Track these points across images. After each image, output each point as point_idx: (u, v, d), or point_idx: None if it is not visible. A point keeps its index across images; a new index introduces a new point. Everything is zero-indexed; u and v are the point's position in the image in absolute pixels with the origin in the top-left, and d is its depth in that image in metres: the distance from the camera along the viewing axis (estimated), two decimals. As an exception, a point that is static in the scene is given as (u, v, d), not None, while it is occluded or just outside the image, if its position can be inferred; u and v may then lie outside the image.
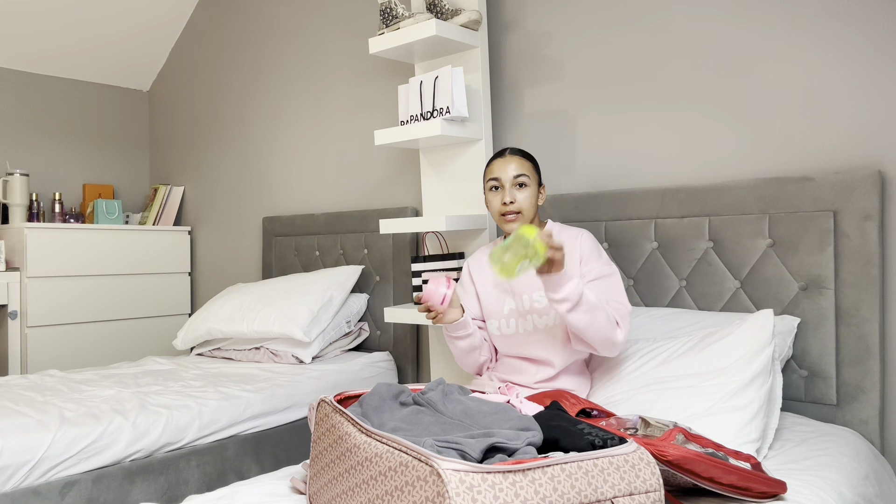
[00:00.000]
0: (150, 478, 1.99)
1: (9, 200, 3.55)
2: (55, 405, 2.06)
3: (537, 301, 1.84)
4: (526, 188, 1.85)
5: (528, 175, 1.86)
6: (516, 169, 1.85)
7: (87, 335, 3.57)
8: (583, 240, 1.85)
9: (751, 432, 1.49)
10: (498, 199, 1.87)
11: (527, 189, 1.85)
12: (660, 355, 1.76)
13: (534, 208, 1.87)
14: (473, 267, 2.01)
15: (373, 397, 1.31)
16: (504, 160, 1.88)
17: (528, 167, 1.87)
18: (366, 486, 1.07)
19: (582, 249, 1.83)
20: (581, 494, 0.98)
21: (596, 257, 1.82)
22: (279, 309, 2.75)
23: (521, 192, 1.85)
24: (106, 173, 4.19)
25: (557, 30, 2.47)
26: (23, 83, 3.86)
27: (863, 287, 1.79)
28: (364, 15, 3.12)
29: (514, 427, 1.14)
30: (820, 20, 1.93)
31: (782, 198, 1.91)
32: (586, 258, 1.82)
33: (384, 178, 3.05)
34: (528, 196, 1.85)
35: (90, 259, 3.58)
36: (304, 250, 3.27)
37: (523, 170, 1.86)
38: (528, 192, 1.85)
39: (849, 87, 1.89)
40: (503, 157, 1.89)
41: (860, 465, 1.54)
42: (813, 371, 1.87)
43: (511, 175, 1.85)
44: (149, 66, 4.22)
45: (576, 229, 1.89)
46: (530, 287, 1.85)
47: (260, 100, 3.62)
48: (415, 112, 2.40)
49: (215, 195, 3.89)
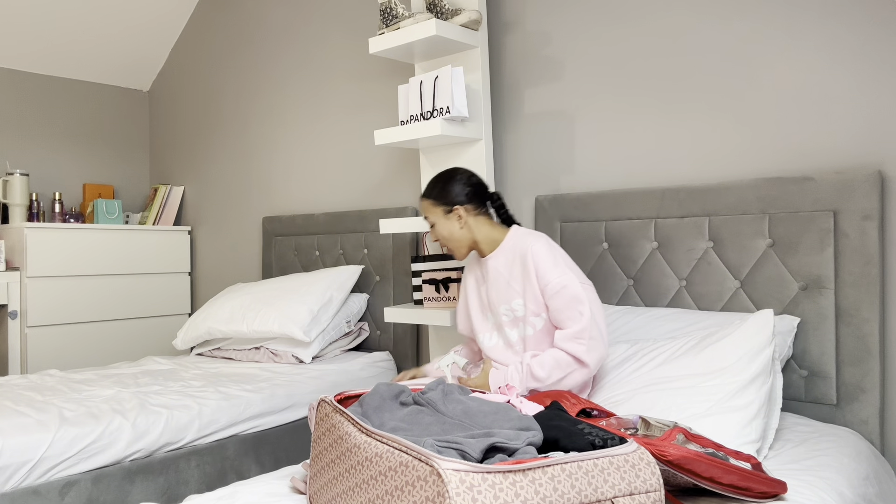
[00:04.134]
0: (150, 478, 1.99)
1: (9, 200, 3.55)
2: (55, 405, 2.06)
3: (505, 314, 1.86)
4: (435, 226, 1.93)
5: (429, 214, 1.94)
6: (422, 212, 1.98)
7: (87, 335, 3.57)
8: (534, 252, 1.79)
9: (751, 432, 1.49)
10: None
11: (436, 227, 1.93)
12: (660, 356, 1.76)
13: (455, 236, 1.92)
14: (468, 281, 2.02)
15: (373, 397, 1.31)
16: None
17: (426, 206, 1.95)
18: (366, 485, 1.07)
19: (535, 263, 1.78)
20: (581, 494, 0.98)
21: (550, 267, 1.77)
22: (279, 309, 2.75)
23: (433, 231, 1.95)
24: (106, 173, 4.19)
25: (557, 30, 2.47)
26: (23, 83, 3.86)
27: (863, 287, 1.79)
28: (364, 15, 3.12)
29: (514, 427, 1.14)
30: (820, 20, 1.93)
31: (782, 198, 1.91)
32: (541, 271, 1.77)
33: (384, 178, 3.05)
34: (441, 230, 1.93)
35: (90, 259, 3.58)
36: (304, 250, 3.27)
37: (425, 212, 1.96)
38: (439, 227, 1.93)
39: (849, 87, 1.89)
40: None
41: (860, 465, 1.54)
42: (813, 371, 1.87)
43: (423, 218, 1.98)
44: (149, 65, 4.22)
45: (531, 238, 1.83)
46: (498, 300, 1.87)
47: (260, 100, 3.62)
48: (415, 112, 2.40)
49: (215, 195, 3.89)
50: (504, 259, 1.87)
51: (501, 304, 1.85)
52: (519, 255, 1.83)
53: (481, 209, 1.93)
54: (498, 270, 1.87)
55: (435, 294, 2.43)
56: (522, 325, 1.82)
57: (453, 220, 1.91)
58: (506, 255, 1.87)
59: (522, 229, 1.90)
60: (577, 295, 1.73)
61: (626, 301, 2.23)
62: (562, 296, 1.74)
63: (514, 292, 1.82)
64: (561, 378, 1.71)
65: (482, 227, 1.91)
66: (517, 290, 1.82)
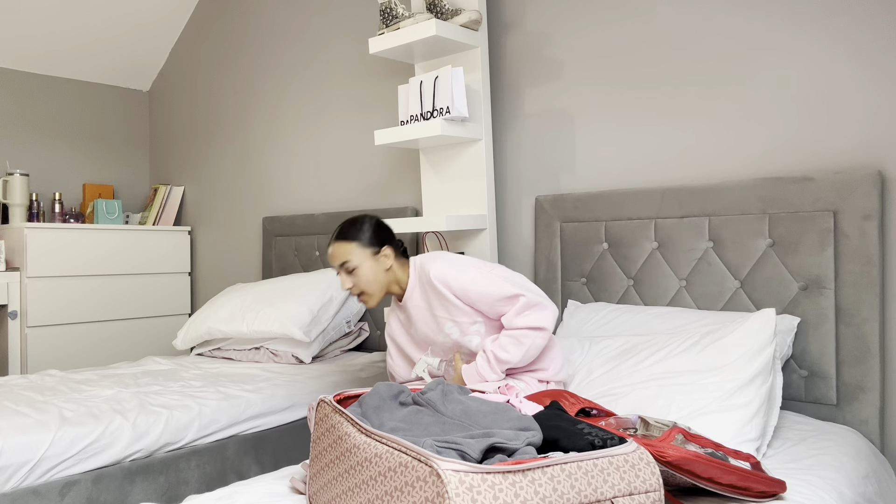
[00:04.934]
0: (150, 478, 1.99)
1: (9, 200, 3.55)
2: (55, 405, 2.06)
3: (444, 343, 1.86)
4: (356, 270, 1.83)
5: (351, 258, 1.83)
6: (339, 258, 1.84)
7: (87, 335, 3.57)
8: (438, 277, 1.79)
9: (750, 431, 1.49)
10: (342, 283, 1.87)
11: (357, 270, 1.83)
12: (660, 351, 1.76)
13: (377, 281, 1.84)
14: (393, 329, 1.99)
15: (372, 397, 1.31)
16: (329, 249, 1.87)
17: (348, 250, 1.83)
18: (365, 486, 1.07)
19: (448, 285, 1.78)
20: (581, 494, 0.98)
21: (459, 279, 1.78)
22: (279, 309, 2.75)
23: (353, 276, 1.84)
24: (106, 173, 4.19)
25: (557, 30, 2.47)
26: (23, 83, 3.86)
27: (863, 287, 1.79)
28: (364, 15, 3.12)
29: (513, 427, 1.14)
30: (820, 19, 1.93)
31: (782, 198, 1.91)
32: (454, 286, 1.78)
33: (384, 178, 3.05)
34: (363, 275, 1.83)
35: (90, 259, 3.58)
36: (304, 250, 3.27)
37: (345, 255, 1.83)
38: (360, 271, 1.83)
39: (849, 86, 1.89)
40: (329, 245, 1.87)
41: (860, 464, 1.54)
42: (813, 371, 1.87)
43: (337, 264, 1.85)
44: (149, 66, 4.22)
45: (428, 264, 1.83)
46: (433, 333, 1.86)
47: (260, 100, 3.62)
48: (415, 112, 2.40)
49: (215, 195, 3.89)
50: (418, 293, 1.87)
51: (438, 336, 1.86)
52: (427, 285, 1.83)
53: (398, 250, 1.92)
54: (418, 307, 1.87)
55: (435, 294, 2.43)
56: (463, 342, 1.83)
57: (380, 261, 1.85)
58: (418, 290, 1.87)
59: (418, 259, 1.89)
60: (498, 285, 1.75)
61: (626, 301, 2.23)
62: (486, 294, 1.76)
63: (441, 319, 1.83)
64: (526, 350, 1.73)
65: (401, 268, 1.89)
66: (442, 315, 1.82)
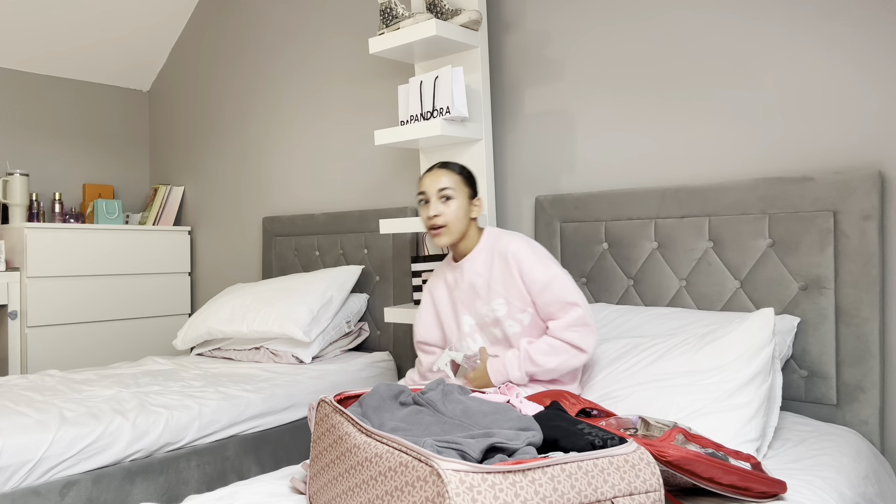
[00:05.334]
0: (150, 478, 1.99)
1: (9, 200, 3.55)
2: (55, 405, 2.06)
3: (486, 315, 1.86)
4: (452, 201, 1.86)
5: (454, 188, 1.87)
6: (442, 182, 1.87)
7: (87, 335, 3.57)
8: (515, 251, 1.82)
9: (750, 431, 1.49)
10: (425, 212, 1.90)
11: (453, 202, 1.86)
12: (659, 352, 1.76)
13: (461, 221, 1.87)
14: (433, 288, 2.01)
15: (373, 397, 1.31)
16: (432, 174, 1.90)
17: (455, 180, 1.88)
18: (366, 486, 1.07)
19: (518, 261, 1.80)
20: (581, 494, 0.98)
21: (534, 264, 1.80)
22: (279, 309, 2.75)
23: (446, 206, 1.86)
24: (106, 173, 4.19)
25: (557, 30, 2.47)
26: (23, 83, 3.86)
27: (863, 287, 1.79)
28: (364, 15, 3.12)
29: (514, 427, 1.14)
30: (820, 20, 1.93)
31: (782, 198, 1.91)
32: (525, 269, 1.80)
33: (384, 178, 3.05)
34: (455, 209, 1.86)
35: (90, 259, 3.58)
36: (304, 250, 3.27)
37: (449, 183, 1.87)
38: (455, 204, 1.86)
39: (849, 86, 1.89)
40: (432, 171, 1.91)
41: (860, 464, 1.54)
42: (813, 371, 1.87)
43: (436, 188, 1.87)
44: (149, 66, 4.22)
45: (508, 237, 1.86)
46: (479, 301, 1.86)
47: (260, 100, 3.62)
48: (415, 112, 2.40)
49: (215, 195, 3.89)
50: (482, 260, 1.88)
51: (482, 306, 1.86)
52: (498, 255, 1.84)
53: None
54: (477, 272, 1.88)
55: (435, 294, 2.43)
56: (505, 323, 1.83)
57: (471, 207, 1.90)
58: (483, 256, 1.88)
59: (496, 230, 1.92)
60: (566, 287, 1.78)
61: (626, 301, 2.23)
62: (551, 289, 1.77)
63: (495, 292, 1.83)
64: (559, 364, 1.74)
65: (474, 226, 1.93)
66: (497, 290, 1.83)
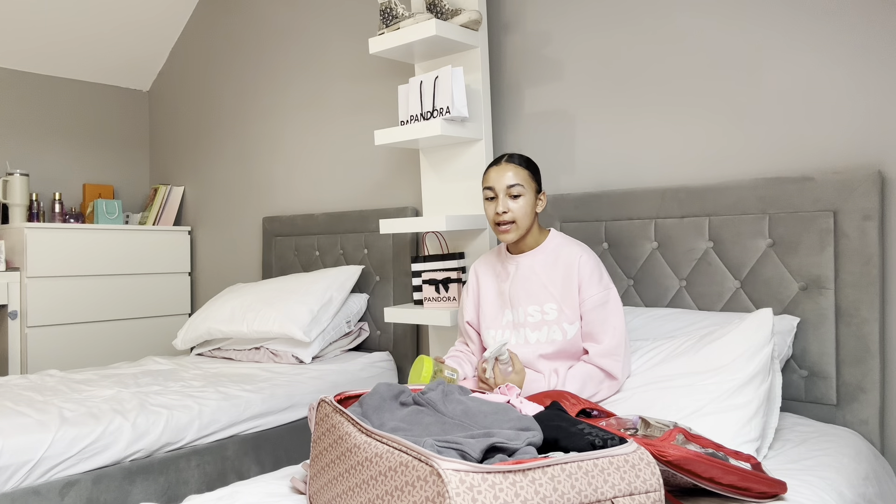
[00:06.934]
0: (150, 478, 1.99)
1: (9, 200, 3.55)
2: (55, 405, 2.06)
3: (531, 315, 1.82)
4: (521, 198, 1.81)
5: (524, 184, 1.82)
6: (511, 178, 1.82)
7: (87, 335, 3.57)
8: (581, 263, 1.79)
9: (750, 431, 1.49)
10: (492, 208, 1.84)
11: (521, 199, 1.81)
12: (659, 354, 1.77)
13: (529, 217, 1.83)
14: (480, 272, 1.99)
15: (373, 397, 1.31)
16: (499, 168, 1.84)
17: (523, 176, 1.83)
18: (366, 486, 1.07)
19: (581, 273, 1.78)
20: (581, 494, 0.98)
21: (596, 281, 1.78)
22: (279, 309, 2.75)
23: (514, 202, 1.81)
24: (106, 173, 4.19)
25: (557, 30, 2.47)
26: (23, 83, 3.86)
27: (863, 287, 1.79)
28: (364, 15, 3.12)
29: (514, 427, 1.14)
30: (820, 20, 1.93)
31: (782, 198, 1.91)
32: (585, 282, 1.78)
33: (384, 178, 3.05)
34: (523, 205, 1.81)
35: (90, 259, 3.58)
36: (304, 250, 3.27)
37: (518, 179, 1.82)
38: (523, 201, 1.81)
39: (849, 87, 1.89)
40: (499, 165, 1.85)
41: (860, 465, 1.54)
42: (813, 371, 1.87)
43: (505, 184, 1.81)
44: (149, 66, 4.22)
45: (577, 247, 1.83)
46: (527, 299, 1.84)
47: (260, 100, 3.62)
48: (415, 112, 2.40)
49: (215, 195, 3.89)
50: (543, 259, 1.84)
51: (530, 304, 1.82)
52: (562, 260, 1.81)
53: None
54: (533, 269, 1.84)
55: (435, 294, 2.43)
56: (551, 329, 1.79)
57: (537, 202, 1.87)
58: (545, 256, 1.85)
59: (561, 234, 1.89)
60: (616, 311, 1.76)
61: (626, 301, 2.23)
62: (603, 310, 1.75)
63: (549, 295, 1.80)
64: (593, 393, 1.73)
65: (537, 221, 1.90)
66: (553, 294, 1.80)
